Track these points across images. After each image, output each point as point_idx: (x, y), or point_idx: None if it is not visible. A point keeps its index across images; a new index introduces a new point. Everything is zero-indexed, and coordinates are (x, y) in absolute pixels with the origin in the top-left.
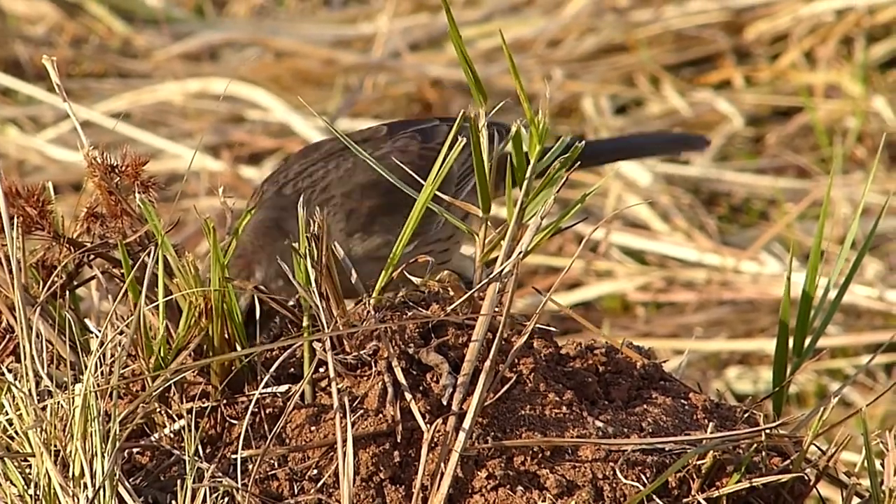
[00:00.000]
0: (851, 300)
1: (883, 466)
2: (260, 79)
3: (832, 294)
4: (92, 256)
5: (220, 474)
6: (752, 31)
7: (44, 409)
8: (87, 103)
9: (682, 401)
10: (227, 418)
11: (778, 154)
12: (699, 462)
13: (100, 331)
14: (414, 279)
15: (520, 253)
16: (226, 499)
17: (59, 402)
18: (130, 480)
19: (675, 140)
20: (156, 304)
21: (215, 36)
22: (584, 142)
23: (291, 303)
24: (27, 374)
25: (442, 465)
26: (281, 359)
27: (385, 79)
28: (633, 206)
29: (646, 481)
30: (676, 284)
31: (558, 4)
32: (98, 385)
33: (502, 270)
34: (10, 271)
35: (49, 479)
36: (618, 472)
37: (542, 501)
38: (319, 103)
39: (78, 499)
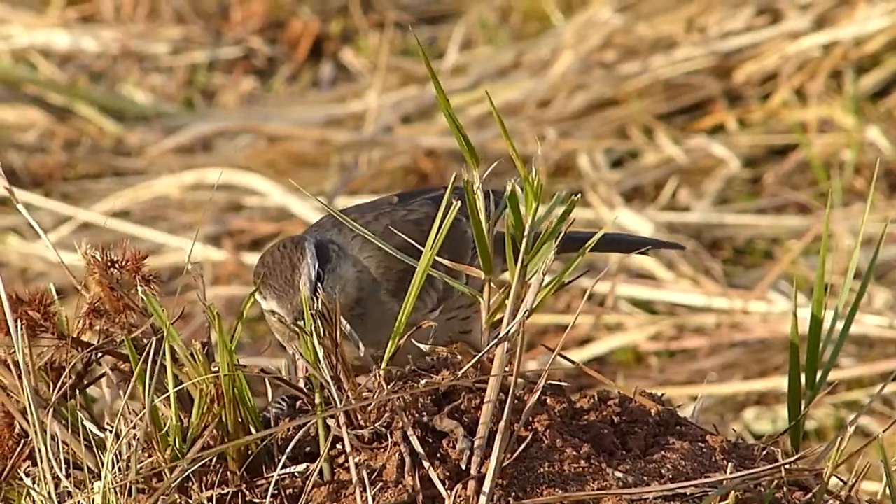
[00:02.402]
0: (863, 330)
1: None
2: (255, 164)
3: (840, 325)
4: (100, 354)
5: None
6: (741, 73)
7: None
8: (85, 205)
9: (700, 444)
10: (249, 502)
11: (777, 193)
12: (722, 503)
13: (113, 427)
14: (422, 346)
15: (525, 311)
16: None
17: (79, 502)
18: None
19: (651, 242)
20: (167, 395)
21: (207, 127)
22: (580, 195)
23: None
24: (45, 477)
25: None
26: (296, 438)
27: (379, 153)
28: (638, 252)
29: None
30: (687, 331)
31: (545, 65)
32: (116, 482)
33: (509, 330)
34: (20, 376)
35: None
36: None
37: None
38: (316, 184)
39: None
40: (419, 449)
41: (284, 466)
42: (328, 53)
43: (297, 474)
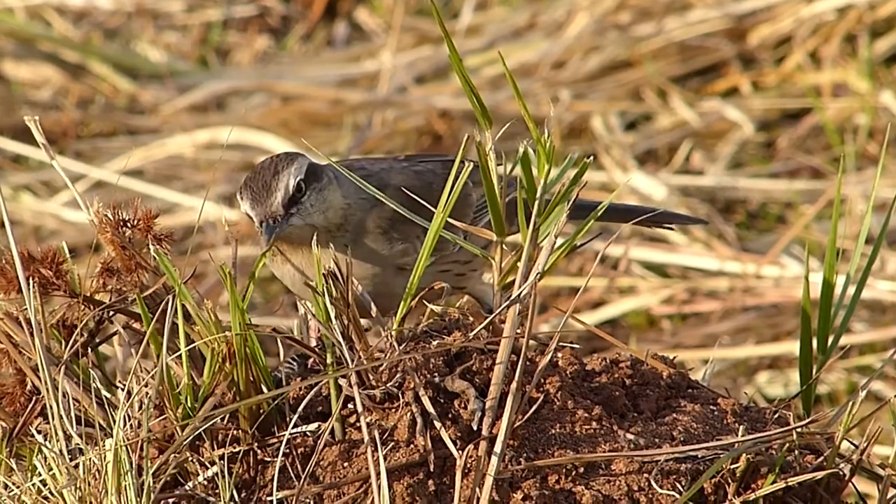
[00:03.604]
0: (876, 296)
1: None
2: (269, 124)
3: (852, 290)
4: (112, 312)
5: None
6: (755, 36)
7: (76, 466)
8: (98, 163)
9: (712, 407)
10: (260, 461)
11: (790, 157)
12: (733, 466)
13: (125, 385)
14: (433, 308)
15: (537, 274)
16: None
17: (90, 459)
18: None
19: (675, 216)
20: (179, 353)
21: (220, 85)
22: (593, 157)
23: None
24: (57, 434)
25: (477, 490)
26: (308, 398)
27: (393, 114)
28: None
29: (681, 489)
30: (700, 295)
31: (560, 26)
32: (128, 439)
33: (521, 293)
34: (32, 333)
35: None
36: (653, 483)
37: None
38: (329, 144)
39: None
40: (431, 409)
41: (296, 425)
42: (342, 13)
43: (308, 433)
